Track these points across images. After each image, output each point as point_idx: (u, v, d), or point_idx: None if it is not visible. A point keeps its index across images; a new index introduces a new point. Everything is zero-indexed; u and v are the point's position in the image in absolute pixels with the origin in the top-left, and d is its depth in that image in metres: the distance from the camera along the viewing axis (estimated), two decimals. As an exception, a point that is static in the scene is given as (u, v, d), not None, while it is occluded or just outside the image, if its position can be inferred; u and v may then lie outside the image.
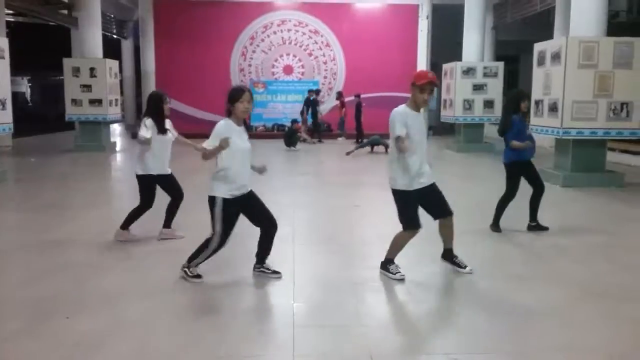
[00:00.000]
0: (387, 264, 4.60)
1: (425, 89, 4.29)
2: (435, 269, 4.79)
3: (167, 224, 5.80)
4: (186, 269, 4.44)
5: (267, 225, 4.49)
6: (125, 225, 5.71)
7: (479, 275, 4.63)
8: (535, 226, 6.12)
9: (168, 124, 5.67)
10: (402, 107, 4.42)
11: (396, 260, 4.60)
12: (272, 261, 4.69)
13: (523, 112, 5.91)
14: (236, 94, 4.25)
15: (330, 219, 6.96)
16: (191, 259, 4.43)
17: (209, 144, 4.15)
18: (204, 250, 4.36)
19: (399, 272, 4.52)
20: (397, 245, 4.59)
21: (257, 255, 4.59)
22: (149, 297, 4.12)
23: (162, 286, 4.31)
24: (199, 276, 4.43)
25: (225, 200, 4.24)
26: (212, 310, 3.89)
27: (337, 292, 4.28)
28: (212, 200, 4.26)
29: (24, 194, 8.95)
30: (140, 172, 5.60)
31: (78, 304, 3.98)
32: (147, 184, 5.62)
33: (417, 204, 4.47)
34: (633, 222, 6.88)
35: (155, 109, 5.50)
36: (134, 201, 5.79)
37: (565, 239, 5.92)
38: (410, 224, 4.45)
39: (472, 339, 3.48)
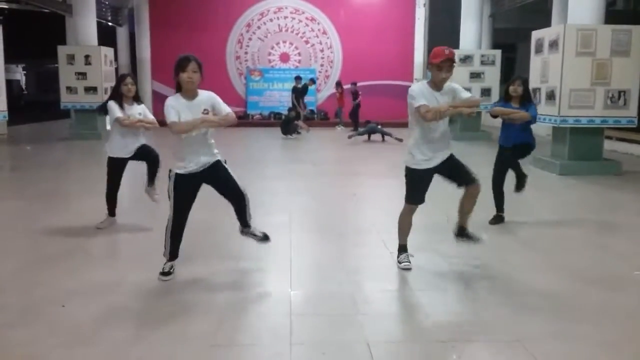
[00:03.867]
0: (400, 252, 4.58)
1: (443, 66, 4.15)
2: (433, 257, 4.78)
3: (151, 182, 5.88)
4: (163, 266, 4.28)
5: (234, 199, 4.32)
6: (109, 212, 5.76)
7: (474, 265, 4.63)
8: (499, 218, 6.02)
9: (140, 107, 5.64)
10: (421, 83, 4.33)
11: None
12: (268, 249, 4.68)
13: (517, 97, 5.68)
14: (180, 64, 3.99)
15: (327, 208, 6.95)
16: (164, 246, 4.27)
17: (172, 118, 3.94)
18: (166, 231, 4.22)
19: (407, 261, 4.48)
20: (402, 227, 4.56)
21: (238, 219, 4.46)
22: (144, 285, 4.11)
23: (157, 276, 4.28)
24: (167, 274, 4.22)
25: (178, 175, 4.10)
26: (207, 298, 3.88)
27: (334, 281, 4.27)
28: (168, 173, 4.18)
29: (19, 182, 8.91)
30: (108, 154, 5.66)
31: (73, 292, 3.96)
32: (111, 165, 5.65)
33: (428, 183, 4.39)
34: (628, 211, 6.88)
35: (114, 91, 5.60)
36: (129, 188, 5.78)
37: (560, 227, 5.92)
38: (411, 199, 4.42)
39: (468, 326, 3.48)
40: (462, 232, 4.64)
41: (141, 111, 5.65)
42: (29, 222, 6.06)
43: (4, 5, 19.80)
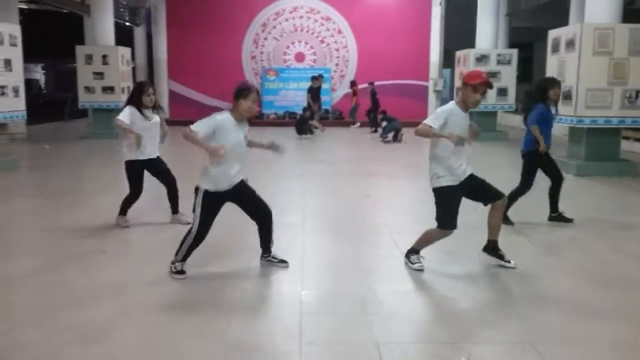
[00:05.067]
0: (410, 253, 4.56)
1: (479, 89, 4.19)
2: (444, 260, 4.77)
3: (174, 210, 5.86)
4: (172, 265, 4.35)
5: (260, 216, 4.43)
6: (122, 211, 5.83)
7: (486, 266, 4.62)
8: (556, 217, 6.04)
9: (156, 117, 5.73)
10: (451, 104, 4.33)
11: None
12: (280, 249, 4.71)
13: (554, 100, 5.71)
14: (242, 91, 4.14)
15: (341, 208, 6.96)
16: (177, 252, 4.34)
17: (197, 128, 4.02)
18: (186, 241, 4.28)
19: (419, 262, 4.48)
20: (427, 239, 4.52)
21: (262, 245, 4.57)
22: (156, 286, 4.16)
23: (170, 275, 4.33)
24: (182, 272, 4.30)
25: (207, 191, 4.18)
26: (219, 298, 3.91)
27: (345, 281, 4.29)
28: (196, 189, 4.23)
29: (37, 181, 9.05)
30: (126, 158, 5.71)
31: (87, 292, 4.02)
32: (128, 169, 5.71)
33: (460, 200, 4.37)
34: (645, 212, 6.80)
35: (135, 98, 5.64)
36: (147, 189, 5.85)
37: (574, 228, 5.87)
38: (446, 223, 4.34)
39: (478, 329, 3.48)
40: (493, 249, 4.61)
41: (157, 121, 5.74)
42: (46, 221, 6.16)
43: (24, 6, 20.08)
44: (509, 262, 4.57)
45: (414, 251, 4.57)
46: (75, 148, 13.10)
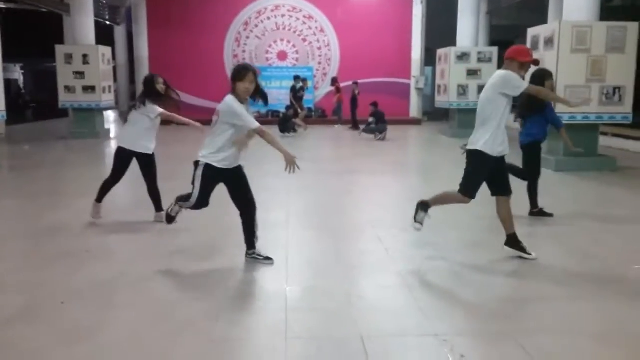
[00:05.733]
0: (421, 207, 4.68)
1: (525, 67, 4.31)
2: (429, 254, 4.83)
3: (158, 208, 5.86)
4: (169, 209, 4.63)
5: (245, 205, 4.47)
6: (98, 198, 5.83)
7: (468, 261, 4.69)
8: (537, 212, 6.15)
9: (156, 111, 5.69)
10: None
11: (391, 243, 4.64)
12: (265, 246, 4.73)
13: None
14: (239, 74, 4.20)
15: (324, 205, 7.00)
16: (171, 205, 4.61)
17: (257, 123, 4.23)
18: (182, 203, 4.49)
19: (420, 224, 4.65)
20: (443, 198, 4.64)
21: (246, 241, 4.59)
22: (142, 283, 4.16)
23: (156, 272, 4.35)
24: (172, 218, 4.64)
25: (207, 165, 4.26)
26: (204, 295, 3.93)
27: (329, 276, 4.33)
28: (196, 163, 4.31)
29: (18, 182, 8.95)
30: (118, 144, 5.73)
31: (72, 290, 4.01)
32: (118, 155, 5.73)
33: (489, 173, 4.46)
34: (622, 206, 6.94)
35: (149, 91, 5.61)
36: (128, 187, 5.83)
37: (554, 223, 5.97)
38: (468, 190, 4.46)
39: (461, 321, 3.54)
40: (513, 242, 4.68)
41: (158, 113, 5.72)
42: (28, 221, 6.12)
43: (2, 5, 19.82)
44: (530, 254, 4.65)
45: (425, 206, 4.67)
46: (55, 148, 12.97)
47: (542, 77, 5.88)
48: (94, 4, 15.23)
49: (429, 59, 20.09)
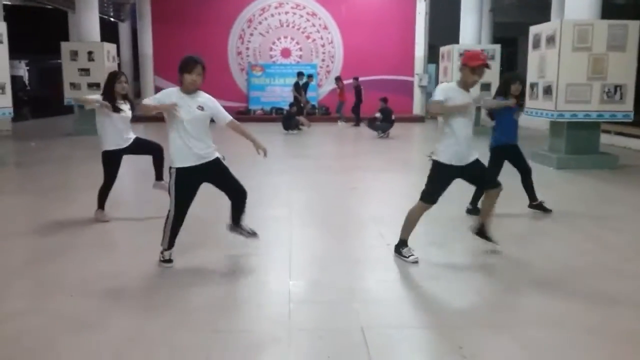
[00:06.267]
0: (400, 247, 4.65)
1: (478, 70, 4.34)
2: (431, 249, 4.92)
3: (159, 176, 5.98)
4: (160, 254, 4.46)
5: (234, 195, 4.51)
6: (100, 205, 5.89)
7: (469, 256, 4.78)
8: (536, 205, 6.23)
9: (126, 105, 5.81)
10: (451, 83, 4.50)
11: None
12: (269, 242, 4.83)
13: (514, 96, 5.91)
14: (187, 65, 4.20)
15: (327, 201, 7.09)
16: (162, 239, 4.43)
17: (149, 99, 4.25)
18: (166, 225, 4.37)
19: (412, 254, 4.57)
20: (410, 221, 4.63)
21: (231, 217, 4.61)
22: (147, 276, 4.27)
23: (158, 266, 4.45)
24: (169, 260, 4.43)
25: (179, 169, 4.26)
26: (210, 287, 4.03)
27: (332, 271, 4.42)
28: (169, 171, 4.33)
29: (25, 178, 9.07)
30: (104, 149, 5.79)
31: (80, 282, 4.12)
32: (107, 159, 5.80)
33: (449, 181, 4.52)
34: (622, 203, 7.01)
35: (106, 88, 5.72)
36: (132, 182, 5.93)
37: (553, 219, 6.06)
38: (428, 197, 4.52)
39: (460, 314, 3.63)
40: (481, 231, 4.80)
41: (129, 107, 5.85)
42: (35, 216, 6.23)
43: (7, 2, 19.93)
44: (496, 243, 4.76)
45: (402, 243, 4.67)
46: (61, 144, 13.08)
47: (508, 82, 5.95)
48: (99, 1, 15.32)
49: (432, 56, 20.14)
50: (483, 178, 4.66)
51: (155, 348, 3.16)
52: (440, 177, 4.50)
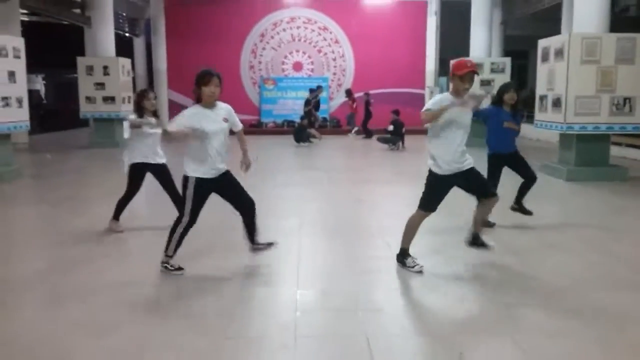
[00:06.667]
0: (403, 257, 4.71)
1: (466, 78, 4.41)
2: (433, 259, 4.98)
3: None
4: (166, 264, 4.56)
5: (244, 206, 4.60)
6: (116, 216, 6.03)
7: (473, 266, 4.83)
8: (517, 208, 6.27)
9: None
10: (445, 94, 4.55)
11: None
12: (278, 252, 4.91)
13: (510, 104, 5.94)
14: (203, 78, 4.30)
15: (336, 213, 7.17)
16: (166, 247, 4.53)
17: (173, 125, 4.29)
18: (176, 232, 4.48)
19: (417, 264, 4.63)
20: (409, 230, 4.70)
21: (247, 236, 4.73)
22: (159, 284, 4.38)
23: (173, 274, 4.55)
24: (180, 268, 4.55)
25: (198, 179, 4.38)
26: (219, 296, 4.13)
27: (339, 280, 4.51)
28: (185, 179, 4.41)
29: (41, 189, 9.26)
30: (129, 162, 5.99)
31: (93, 291, 4.24)
32: (133, 172, 5.96)
33: (447, 190, 4.59)
34: (631, 216, 7.01)
35: (137, 106, 5.86)
36: (146, 194, 6.06)
37: (561, 231, 6.09)
38: (425, 205, 4.61)
39: (461, 321, 3.70)
40: (475, 241, 4.87)
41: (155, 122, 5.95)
42: (50, 226, 6.38)
43: (25, 18, 20.36)
44: (490, 246, 4.82)
45: (404, 253, 4.73)
46: (77, 157, 13.32)
47: (501, 91, 6.01)
48: (114, 17, 15.65)
49: (443, 69, 20.23)
50: (479, 187, 4.68)
51: (166, 354, 3.26)
52: (436, 186, 4.58)
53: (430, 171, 4.62)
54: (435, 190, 4.60)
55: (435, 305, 3.99)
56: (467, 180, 4.59)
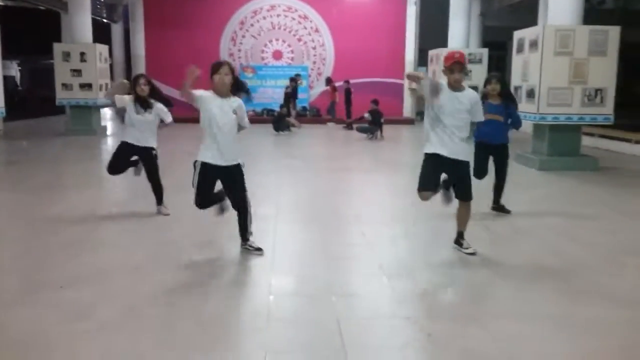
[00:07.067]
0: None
1: (454, 68, 4.52)
2: (408, 246, 5.10)
3: (158, 201, 6.16)
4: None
5: (236, 204, 4.72)
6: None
7: (441, 251, 4.96)
8: (496, 207, 6.40)
9: (158, 107, 5.99)
10: (444, 83, 4.64)
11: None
12: (254, 237, 4.99)
13: (492, 95, 6.06)
14: (213, 67, 4.48)
15: (313, 201, 7.26)
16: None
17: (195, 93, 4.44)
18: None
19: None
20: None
21: (240, 234, 4.85)
22: (138, 271, 4.42)
23: (152, 261, 4.61)
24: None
25: (203, 163, 4.52)
26: (196, 281, 4.19)
27: (312, 266, 4.60)
28: (194, 164, 4.58)
29: (17, 176, 9.18)
30: (120, 139, 6.13)
31: (71, 276, 4.27)
32: (119, 148, 6.08)
33: (439, 171, 4.73)
34: (598, 204, 7.21)
35: (132, 92, 5.95)
36: (124, 182, 6.09)
37: (531, 219, 6.25)
38: (420, 185, 4.72)
39: (431, 305, 3.83)
40: (456, 239, 4.97)
41: (156, 110, 6.01)
42: (26, 213, 6.36)
43: (1, 2, 20.01)
44: (467, 249, 4.90)
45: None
46: (53, 144, 13.20)
47: (485, 82, 6.21)
48: (92, 2, 15.44)
49: (423, 59, 20.37)
50: (460, 187, 4.80)
51: (145, 334, 3.32)
52: (428, 164, 4.73)
53: (424, 153, 4.76)
54: (427, 170, 4.73)
55: (407, 290, 4.10)
56: (454, 173, 4.74)
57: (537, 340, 3.33)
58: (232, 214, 4.83)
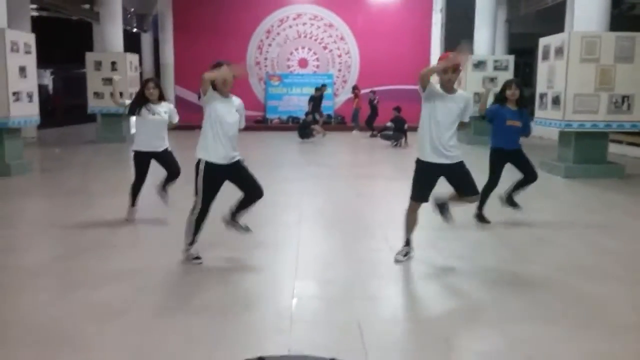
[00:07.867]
0: (404, 246, 4.88)
1: (447, 69, 4.51)
2: (429, 252, 5.16)
3: (164, 186, 6.35)
4: (186, 253, 4.74)
5: (252, 192, 4.72)
6: (132, 202, 6.27)
7: (466, 259, 5.01)
8: (505, 198, 6.26)
9: (165, 105, 6.15)
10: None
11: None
12: (278, 243, 5.11)
13: (511, 100, 6.00)
14: (215, 67, 4.51)
15: (337, 208, 7.35)
16: (185, 236, 4.71)
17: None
18: (188, 222, 4.66)
19: (401, 254, 4.80)
20: (407, 224, 4.83)
21: (233, 209, 4.82)
22: (164, 272, 4.58)
23: (177, 263, 4.76)
24: (197, 258, 4.73)
25: (208, 163, 4.55)
26: (221, 283, 4.33)
27: (336, 270, 4.70)
28: (196, 165, 4.60)
29: (50, 182, 9.50)
30: (133, 148, 6.28)
31: (103, 277, 4.45)
32: (137, 160, 6.25)
33: (432, 178, 4.69)
34: (623, 212, 7.15)
35: (138, 94, 6.15)
36: (151, 188, 6.28)
37: (553, 227, 6.24)
38: (413, 195, 4.75)
39: (448, 310, 3.88)
40: (442, 206, 4.97)
41: (167, 109, 6.17)
42: (59, 217, 6.60)
43: (35, 13, 20.63)
44: (450, 220, 4.96)
45: (405, 243, 4.88)
46: (84, 151, 13.57)
47: (503, 87, 6.13)
48: (122, 12, 15.86)
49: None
50: (464, 185, 4.76)
51: (172, 333, 3.45)
52: (421, 173, 4.72)
53: (417, 159, 4.76)
54: (419, 177, 4.73)
55: (427, 295, 4.18)
56: (453, 174, 4.70)
57: (553, 342, 3.37)
58: (252, 218, 4.94)
